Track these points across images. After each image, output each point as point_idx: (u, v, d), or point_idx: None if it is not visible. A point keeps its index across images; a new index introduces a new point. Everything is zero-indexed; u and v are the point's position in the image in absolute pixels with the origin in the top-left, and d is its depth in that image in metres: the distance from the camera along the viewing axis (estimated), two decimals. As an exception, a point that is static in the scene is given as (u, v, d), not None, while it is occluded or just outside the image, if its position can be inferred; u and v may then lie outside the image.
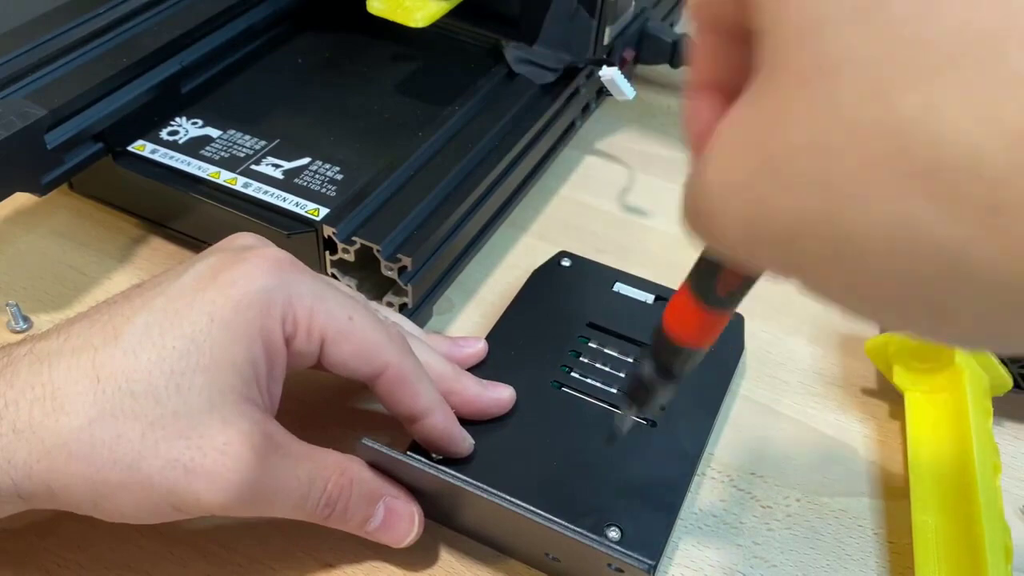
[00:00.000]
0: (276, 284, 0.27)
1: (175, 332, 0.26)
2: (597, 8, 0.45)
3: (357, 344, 0.28)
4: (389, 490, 0.29)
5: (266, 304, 0.27)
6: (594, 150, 0.51)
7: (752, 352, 0.39)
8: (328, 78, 0.46)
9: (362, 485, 0.29)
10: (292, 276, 0.28)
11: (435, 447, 0.31)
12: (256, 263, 0.27)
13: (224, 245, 0.30)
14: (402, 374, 0.29)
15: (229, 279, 0.27)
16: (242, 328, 0.26)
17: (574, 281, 0.39)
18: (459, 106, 0.43)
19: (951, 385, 0.35)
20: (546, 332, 0.36)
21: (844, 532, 0.33)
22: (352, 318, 0.28)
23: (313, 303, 0.28)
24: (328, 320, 0.28)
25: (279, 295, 0.27)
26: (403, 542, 0.30)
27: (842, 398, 0.38)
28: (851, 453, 0.36)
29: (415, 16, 0.42)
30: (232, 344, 0.26)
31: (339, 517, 0.28)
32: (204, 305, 0.26)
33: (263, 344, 0.27)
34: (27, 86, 0.38)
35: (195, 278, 0.27)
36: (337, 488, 0.28)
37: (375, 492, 0.29)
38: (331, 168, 0.40)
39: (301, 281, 0.28)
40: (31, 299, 0.39)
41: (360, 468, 0.29)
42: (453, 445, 0.31)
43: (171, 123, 0.41)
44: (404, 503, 0.30)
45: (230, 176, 0.39)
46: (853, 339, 0.40)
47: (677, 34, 0.52)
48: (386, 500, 0.29)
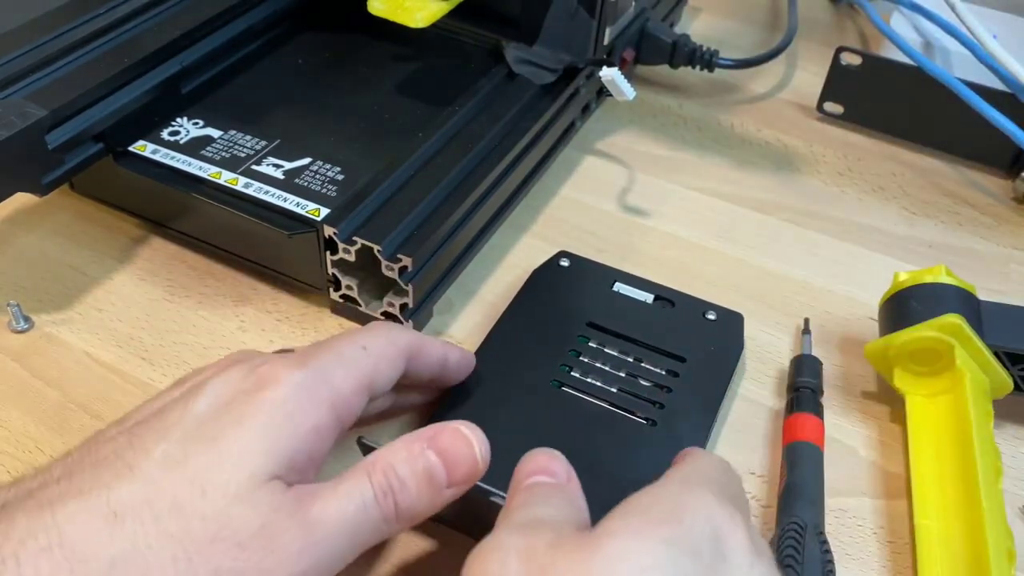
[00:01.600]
0: (306, 374, 0.26)
1: (199, 450, 0.24)
2: (597, 8, 0.45)
3: (387, 357, 0.29)
4: (422, 434, 0.27)
5: (307, 394, 0.26)
6: (594, 150, 0.51)
7: (752, 353, 0.39)
8: (328, 78, 0.46)
9: (398, 452, 0.27)
10: (311, 361, 0.27)
11: (460, 376, 0.34)
12: (274, 368, 0.26)
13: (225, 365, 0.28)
14: (418, 343, 0.31)
15: (256, 390, 0.26)
16: (284, 422, 0.25)
17: (573, 281, 0.39)
18: (459, 106, 0.43)
19: (952, 388, 0.35)
20: (546, 331, 0.37)
21: (844, 532, 0.33)
22: (366, 347, 0.29)
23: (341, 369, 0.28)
24: (364, 369, 0.28)
25: (313, 381, 0.26)
26: (479, 462, 0.28)
27: (842, 401, 0.38)
28: (851, 454, 0.36)
29: (415, 16, 0.42)
30: (268, 437, 0.25)
31: (404, 493, 0.26)
32: (232, 417, 0.25)
33: (310, 434, 0.26)
34: (28, 86, 0.38)
35: (213, 404, 0.26)
36: (380, 472, 0.26)
37: (412, 447, 0.27)
38: (332, 168, 0.40)
39: (317, 359, 0.27)
40: (31, 299, 0.39)
41: (385, 448, 0.27)
42: (470, 360, 0.34)
43: (172, 123, 0.41)
44: (446, 431, 0.27)
45: (231, 176, 0.39)
46: (853, 342, 0.40)
47: (677, 34, 0.52)
48: (429, 443, 0.27)
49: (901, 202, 0.49)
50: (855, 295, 0.43)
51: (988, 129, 0.45)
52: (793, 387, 0.37)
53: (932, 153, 0.52)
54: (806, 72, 0.58)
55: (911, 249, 0.46)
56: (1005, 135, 0.44)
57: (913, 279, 0.37)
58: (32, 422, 0.35)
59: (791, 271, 0.44)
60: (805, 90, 0.56)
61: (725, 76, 0.57)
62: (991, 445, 0.33)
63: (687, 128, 0.53)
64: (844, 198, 0.49)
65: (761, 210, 0.48)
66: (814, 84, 0.54)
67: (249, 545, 0.23)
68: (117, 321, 0.39)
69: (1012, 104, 0.46)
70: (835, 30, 0.64)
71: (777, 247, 0.45)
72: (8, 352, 0.37)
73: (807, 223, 0.47)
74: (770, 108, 0.55)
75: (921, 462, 0.34)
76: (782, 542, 0.30)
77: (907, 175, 0.51)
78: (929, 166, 0.52)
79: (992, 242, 0.47)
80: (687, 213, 0.47)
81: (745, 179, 0.50)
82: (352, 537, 0.25)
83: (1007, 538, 0.31)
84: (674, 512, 0.22)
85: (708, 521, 0.22)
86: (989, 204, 0.49)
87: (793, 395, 0.36)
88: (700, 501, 0.23)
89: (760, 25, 0.63)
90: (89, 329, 0.38)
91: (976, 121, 0.45)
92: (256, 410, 0.25)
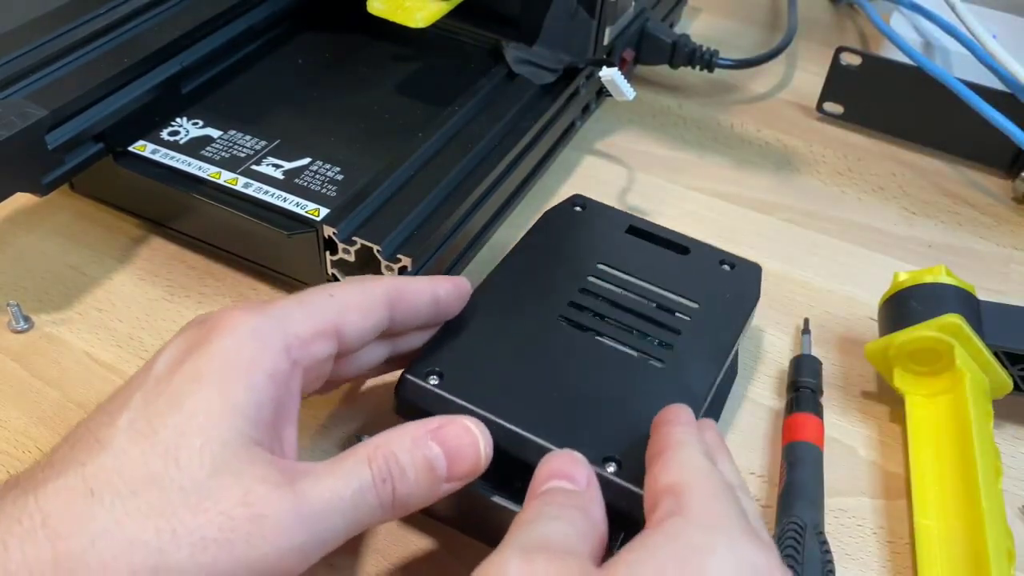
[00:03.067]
0: (260, 319, 0.26)
1: (163, 414, 0.24)
2: (597, 8, 0.45)
3: (358, 306, 0.28)
4: (427, 424, 0.27)
5: (259, 341, 0.25)
6: (594, 150, 0.51)
7: (753, 353, 0.39)
8: (328, 78, 0.46)
9: (401, 440, 0.26)
10: (269, 307, 0.27)
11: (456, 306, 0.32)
12: (229, 314, 0.26)
13: (184, 326, 0.28)
14: (399, 287, 0.29)
15: (206, 342, 0.25)
16: (237, 373, 0.25)
17: (586, 223, 0.39)
18: (459, 106, 0.43)
19: (951, 388, 0.35)
20: (554, 270, 0.36)
21: (844, 532, 0.33)
22: (332, 295, 0.28)
23: (300, 312, 0.27)
24: (326, 314, 0.27)
25: (267, 326, 0.26)
26: (482, 459, 0.27)
27: (842, 400, 0.38)
28: (851, 453, 0.36)
29: (415, 16, 0.42)
30: (226, 392, 0.24)
31: (403, 481, 0.26)
32: (187, 374, 0.25)
33: (266, 382, 0.25)
34: (28, 86, 0.38)
35: (168, 362, 0.25)
36: (381, 457, 0.25)
37: (415, 435, 0.26)
38: (331, 168, 0.40)
39: (277, 305, 0.27)
40: (31, 299, 0.39)
41: (387, 433, 0.26)
42: (464, 287, 0.32)
43: (172, 123, 0.41)
44: (452, 425, 0.27)
45: (231, 176, 0.39)
46: (853, 342, 0.40)
47: (677, 34, 0.52)
48: (432, 435, 0.26)
49: (901, 202, 0.49)
50: (855, 295, 0.43)
51: (988, 129, 0.45)
52: (793, 387, 0.37)
53: (932, 153, 0.52)
54: (806, 72, 0.58)
55: (911, 249, 0.46)
56: (1005, 135, 0.44)
57: (913, 279, 0.37)
58: (32, 422, 0.35)
59: (791, 271, 0.44)
60: (805, 90, 0.56)
61: (725, 76, 0.57)
62: (991, 445, 0.33)
63: (687, 128, 0.53)
64: (844, 198, 0.49)
65: (761, 210, 0.48)
66: (814, 84, 0.54)
67: (235, 514, 0.23)
68: (117, 321, 0.39)
69: (1012, 104, 0.46)
70: (835, 30, 0.64)
71: (777, 247, 0.45)
72: (8, 352, 0.37)
73: (807, 223, 0.47)
74: (770, 108, 0.55)
75: (921, 462, 0.34)
76: (782, 542, 0.30)
77: (907, 175, 0.51)
78: (929, 166, 0.52)
79: (992, 242, 0.47)
80: (687, 213, 0.47)
81: (745, 179, 0.50)
82: (346, 519, 0.25)
83: (1007, 538, 0.31)
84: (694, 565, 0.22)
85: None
86: (989, 204, 0.49)
87: (793, 395, 0.36)
88: (731, 545, 0.22)
89: (760, 25, 0.63)
90: (89, 329, 0.38)
91: (976, 121, 0.45)
92: (209, 361, 0.25)
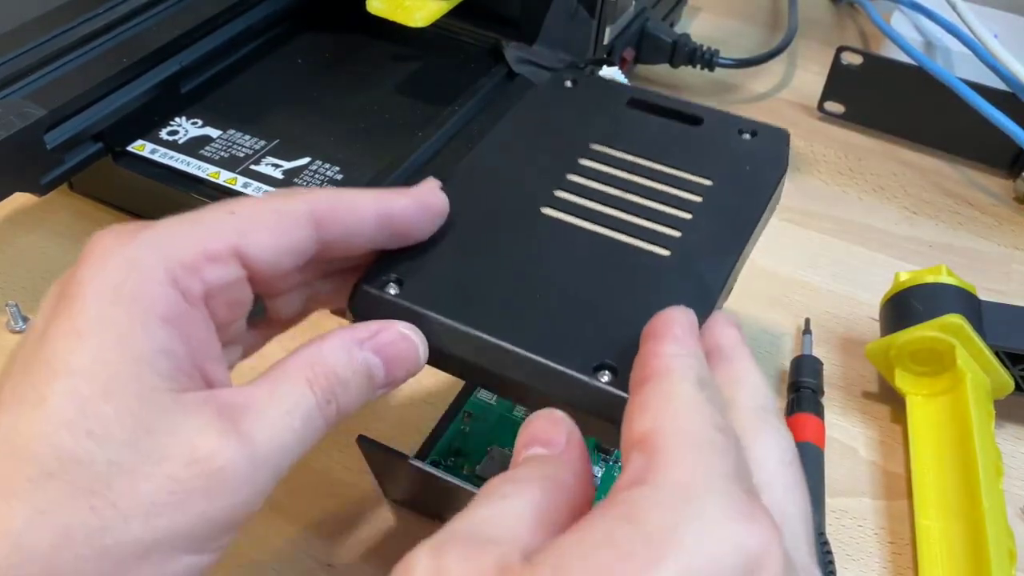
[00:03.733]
0: (134, 246, 0.22)
1: (46, 380, 0.20)
2: (597, 8, 0.45)
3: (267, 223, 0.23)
4: (361, 331, 0.24)
5: (136, 272, 0.21)
6: (594, 150, 0.51)
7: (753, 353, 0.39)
8: (328, 78, 0.46)
9: (337, 353, 0.24)
10: (147, 229, 0.22)
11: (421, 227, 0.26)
12: (99, 241, 0.22)
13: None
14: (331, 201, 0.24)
15: (75, 282, 0.21)
16: (120, 320, 0.21)
17: (578, 98, 0.34)
18: (459, 106, 0.43)
19: (953, 388, 0.35)
20: (540, 153, 0.31)
21: (845, 532, 0.33)
22: (234, 211, 0.23)
23: (186, 232, 0.23)
24: (220, 233, 0.23)
25: (142, 253, 0.22)
26: (419, 362, 0.25)
27: (843, 401, 0.38)
28: (852, 454, 0.36)
29: (415, 16, 0.42)
30: (119, 346, 0.20)
31: (345, 396, 0.23)
32: (62, 327, 0.20)
33: (160, 321, 0.21)
34: (27, 86, 0.38)
35: (43, 316, 0.22)
36: (323, 377, 0.23)
37: (350, 346, 0.24)
38: (331, 168, 0.40)
39: (157, 226, 0.22)
40: (31, 299, 0.39)
41: (318, 344, 0.24)
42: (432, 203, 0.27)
43: (171, 123, 0.41)
44: (387, 331, 0.25)
45: (230, 176, 0.39)
46: (854, 342, 0.40)
47: (677, 34, 0.52)
48: (366, 344, 0.24)
49: (902, 202, 0.49)
50: (856, 295, 0.43)
51: (989, 129, 0.45)
52: (794, 387, 0.37)
53: (933, 153, 0.52)
54: (807, 72, 0.58)
55: (912, 249, 0.46)
56: (1006, 135, 0.44)
57: (914, 279, 0.37)
58: (31, 422, 0.35)
59: (791, 271, 0.44)
60: (806, 90, 0.56)
61: (725, 76, 0.57)
62: (992, 445, 0.33)
63: (687, 128, 0.53)
64: (845, 198, 0.49)
65: (761, 210, 0.48)
66: (815, 84, 0.54)
67: (184, 475, 0.20)
68: (116, 321, 0.39)
69: (1013, 104, 0.46)
70: (836, 29, 0.64)
71: (777, 247, 0.45)
72: (7, 352, 0.37)
73: (807, 223, 0.47)
74: (770, 108, 0.55)
75: (922, 462, 0.34)
76: (782, 542, 0.30)
77: (908, 175, 0.51)
78: (930, 166, 0.51)
79: (993, 242, 0.47)
80: (687, 213, 0.46)
81: (745, 179, 0.50)
82: (297, 448, 0.22)
83: (1008, 538, 0.31)
84: (661, 549, 0.17)
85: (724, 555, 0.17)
86: (990, 204, 0.49)
87: (793, 395, 0.36)
88: (705, 527, 0.17)
89: (760, 25, 0.63)
90: (88, 329, 0.38)
91: (977, 121, 0.45)
92: (84, 309, 0.21)
